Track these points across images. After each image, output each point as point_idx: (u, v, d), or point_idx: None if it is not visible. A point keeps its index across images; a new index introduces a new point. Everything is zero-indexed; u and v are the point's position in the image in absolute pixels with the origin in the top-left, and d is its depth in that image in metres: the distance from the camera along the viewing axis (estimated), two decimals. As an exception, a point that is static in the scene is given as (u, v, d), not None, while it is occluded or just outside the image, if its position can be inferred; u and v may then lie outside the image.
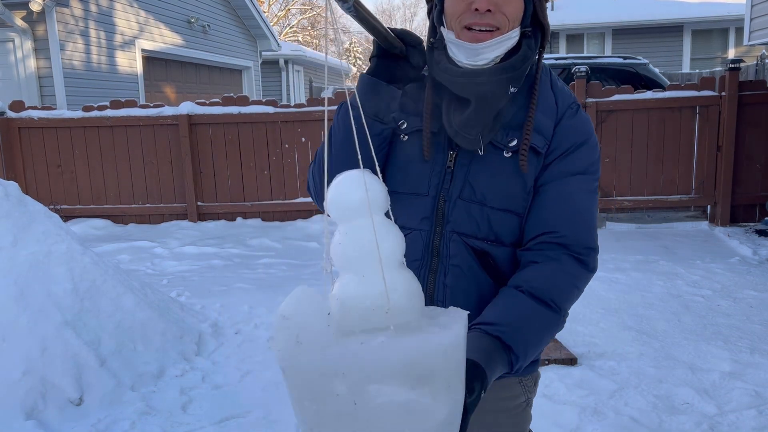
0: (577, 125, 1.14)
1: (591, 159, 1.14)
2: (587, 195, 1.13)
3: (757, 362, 3.16)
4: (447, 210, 1.13)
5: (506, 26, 1.07)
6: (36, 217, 3.26)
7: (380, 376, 0.76)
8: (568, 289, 1.09)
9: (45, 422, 2.62)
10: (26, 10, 8.05)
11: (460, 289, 1.13)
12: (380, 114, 1.09)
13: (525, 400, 1.24)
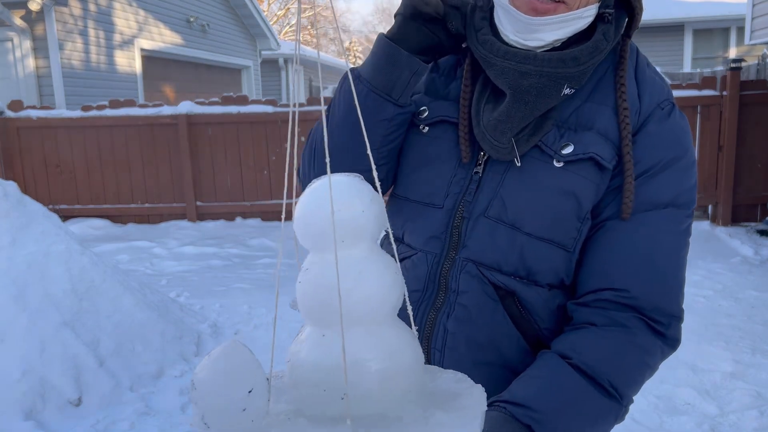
0: (669, 133, 0.83)
1: (684, 184, 0.83)
2: (675, 237, 0.82)
3: (758, 363, 3.15)
4: (465, 229, 0.85)
5: (578, 3, 0.78)
6: (34, 217, 3.24)
7: None
8: (637, 368, 0.80)
9: (44, 422, 2.61)
10: (25, 10, 8.04)
11: (462, 339, 0.85)
12: (394, 93, 0.83)
13: None
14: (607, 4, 0.81)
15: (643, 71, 0.86)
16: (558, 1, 0.77)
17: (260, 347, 3.47)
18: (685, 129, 0.85)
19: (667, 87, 0.89)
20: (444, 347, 0.86)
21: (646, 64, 0.89)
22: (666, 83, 0.90)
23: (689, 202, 0.84)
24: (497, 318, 0.84)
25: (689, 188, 0.84)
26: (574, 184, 0.81)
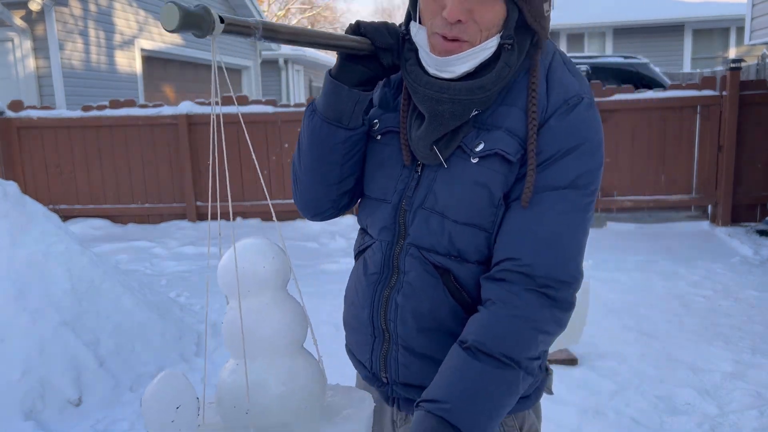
0: (570, 126, 0.94)
1: (583, 168, 0.95)
2: (569, 214, 0.93)
3: (758, 363, 3.15)
4: (407, 220, 0.99)
5: (478, 38, 0.91)
6: (34, 217, 3.24)
7: None
8: (527, 336, 0.90)
9: (44, 423, 2.61)
10: (25, 10, 8.05)
11: (409, 310, 0.99)
12: (344, 120, 0.99)
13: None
14: (508, 34, 0.92)
15: (554, 73, 0.98)
16: (461, 41, 0.90)
17: (260, 347, 3.48)
18: (587, 120, 0.97)
19: (579, 84, 0.99)
20: (396, 318, 1.01)
21: (562, 64, 1.00)
22: (579, 80, 1.00)
23: (589, 183, 0.96)
24: (437, 292, 0.98)
25: (588, 171, 0.96)
26: (486, 176, 0.94)
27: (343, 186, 1.07)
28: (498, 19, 0.91)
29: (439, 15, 0.91)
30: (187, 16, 0.73)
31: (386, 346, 1.04)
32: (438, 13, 0.91)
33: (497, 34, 0.92)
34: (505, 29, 0.92)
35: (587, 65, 6.52)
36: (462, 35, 0.90)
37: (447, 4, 0.89)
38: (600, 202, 6.40)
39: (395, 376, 1.04)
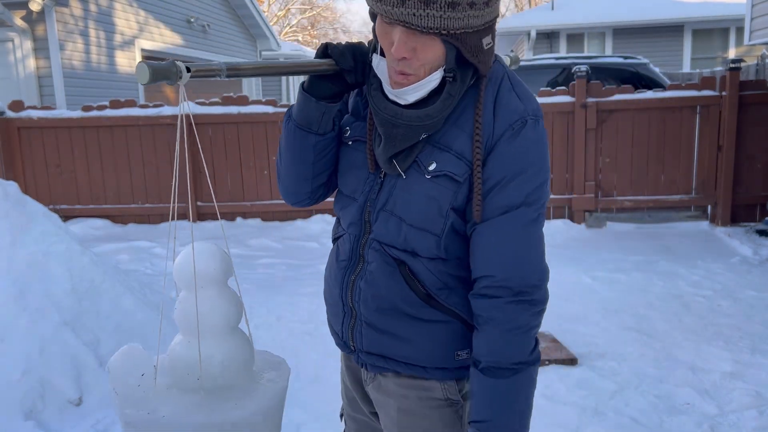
0: (516, 151, 1.05)
1: (531, 187, 1.06)
2: (527, 229, 1.07)
3: (758, 362, 3.16)
4: (372, 219, 1.16)
5: (422, 72, 1.03)
6: (35, 217, 3.25)
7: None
8: (523, 340, 1.08)
9: (44, 422, 2.61)
10: (26, 10, 8.05)
11: (369, 294, 1.17)
12: (313, 127, 1.14)
13: (444, 398, 1.21)
14: (449, 68, 1.04)
15: (501, 99, 1.09)
16: (407, 75, 1.03)
17: (261, 346, 3.46)
18: (532, 141, 1.07)
19: (525, 106, 1.09)
20: (360, 300, 1.19)
21: (510, 89, 1.11)
22: (525, 102, 1.10)
23: (538, 198, 1.08)
24: (394, 279, 1.15)
25: (537, 187, 1.07)
26: (436, 191, 1.09)
27: (316, 181, 1.24)
28: (438, 56, 1.02)
29: (390, 52, 1.03)
30: (155, 72, 0.89)
31: (353, 320, 1.21)
32: (389, 50, 1.03)
33: (440, 68, 1.04)
34: (446, 63, 1.03)
35: (587, 65, 6.52)
36: (407, 69, 1.03)
37: (394, 42, 1.01)
38: (600, 202, 6.40)
39: (360, 345, 1.22)
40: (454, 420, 1.21)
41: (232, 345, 0.97)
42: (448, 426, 1.21)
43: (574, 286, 4.49)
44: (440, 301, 1.15)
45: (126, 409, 0.92)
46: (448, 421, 1.21)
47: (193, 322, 0.95)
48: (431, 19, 0.97)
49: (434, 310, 1.16)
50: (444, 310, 1.16)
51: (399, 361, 1.19)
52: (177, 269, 0.99)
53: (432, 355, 1.17)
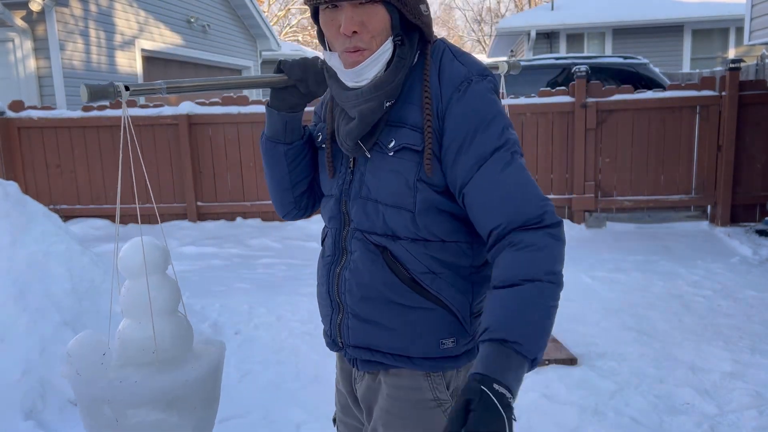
0: (468, 108, 1.09)
1: (494, 135, 1.08)
2: (505, 171, 1.07)
3: (757, 362, 3.16)
4: (349, 209, 1.20)
5: (374, 44, 1.09)
6: (35, 217, 3.25)
7: (135, 404, 1.04)
8: (543, 258, 1.05)
9: (44, 422, 2.61)
10: (26, 10, 8.05)
11: (354, 282, 1.19)
12: (279, 136, 1.26)
13: (434, 398, 1.20)
14: (396, 33, 1.10)
15: (444, 65, 1.13)
16: (362, 50, 1.09)
17: (261, 346, 3.48)
18: (479, 95, 1.10)
19: (468, 69, 1.12)
20: (345, 290, 1.21)
21: (451, 58, 1.14)
22: (468, 66, 1.13)
23: (505, 141, 1.09)
24: (377, 266, 1.17)
25: (499, 134, 1.09)
26: (400, 165, 1.12)
27: (297, 189, 1.33)
28: (385, 23, 1.09)
29: (339, 34, 1.09)
30: (92, 93, 1.04)
31: (341, 315, 1.23)
32: (338, 33, 1.09)
33: (389, 37, 1.10)
34: (393, 29, 1.10)
35: (586, 65, 6.52)
36: (360, 44, 1.09)
37: (341, 22, 1.08)
38: (600, 202, 6.40)
39: (347, 339, 1.23)
40: (441, 420, 1.19)
41: (176, 322, 1.13)
42: (436, 427, 1.19)
43: (574, 286, 4.50)
44: (425, 286, 1.15)
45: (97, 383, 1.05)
46: (438, 423, 1.19)
47: (139, 306, 1.09)
48: None
49: (418, 296, 1.16)
50: (428, 297, 1.16)
51: (385, 353, 1.20)
52: (122, 261, 1.12)
53: (416, 343, 1.17)
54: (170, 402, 1.05)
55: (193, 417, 1.09)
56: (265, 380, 3.07)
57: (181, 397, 1.06)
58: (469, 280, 1.19)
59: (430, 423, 1.19)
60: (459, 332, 1.18)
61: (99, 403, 1.04)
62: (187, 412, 1.08)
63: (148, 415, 1.04)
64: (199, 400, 1.10)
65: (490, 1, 34.91)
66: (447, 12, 38.76)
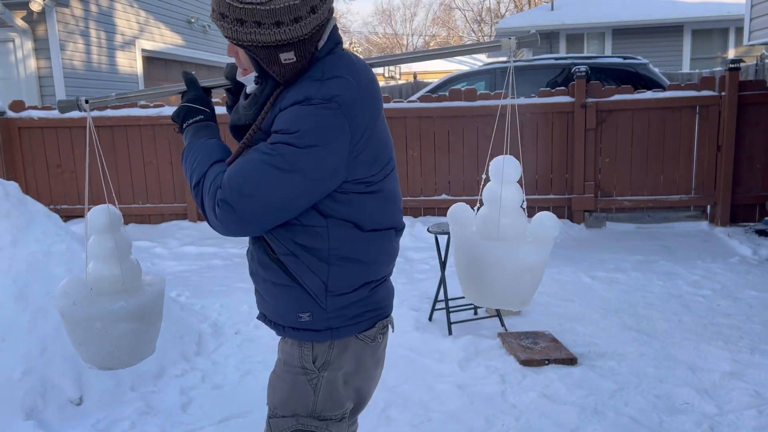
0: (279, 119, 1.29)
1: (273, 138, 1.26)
2: (256, 154, 1.26)
3: (757, 362, 3.16)
4: None
5: (243, 72, 1.35)
6: (36, 217, 3.25)
7: (120, 318, 1.47)
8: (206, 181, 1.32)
9: (45, 422, 2.62)
10: (26, 10, 8.06)
11: (249, 261, 1.46)
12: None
13: (300, 366, 1.39)
14: (256, 74, 1.32)
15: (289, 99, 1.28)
16: (244, 69, 1.35)
17: (261, 346, 3.48)
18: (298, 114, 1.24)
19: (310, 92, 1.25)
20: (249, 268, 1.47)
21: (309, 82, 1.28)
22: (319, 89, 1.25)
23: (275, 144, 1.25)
24: (257, 247, 1.40)
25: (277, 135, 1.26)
26: None
27: None
28: (248, 62, 1.31)
29: None
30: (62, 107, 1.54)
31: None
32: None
33: (253, 74, 1.32)
34: (254, 69, 1.31)
35: (586, 66, 6.53)
36: (239, 64, 1.36)
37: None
38: (599, 202, 6.41)
39: (258, 307, 1.49)
40: (306, 387, 1.39)
41: (131, 264, 1.57)
42: (300, 391, 1.39)
43: (574, 285, 4.50)
44: (286, 266, 1.33)
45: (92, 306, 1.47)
46: (301, 387, 1.39)
47: (106, 252, 1.52)
48: (226, 30, 1.25)
49: (283, 274, 1.34)
50: (290, 275, 1.34)
51: (270, 320, 1.43)
52: (90, 221, 1.54)
53: (282, 315, 1.38)
54: (142, 315, 1.50)
55: (154, 326, 1.58)
56: (265, 380, 3.06)
57: (148, 311, 1.53)
58: (326, 262, 1.32)
59: (294, 385, 1.40)
60: (314, 308, 1.34)
61: (92, 320, 1.46)
62: (150, 323, 1.55)
63: (127, 325, 1.48)
64: (156, 314, 1.58)
65: (490, 2, 34.89)
66: (447, 12, 38.75)
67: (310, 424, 1.39)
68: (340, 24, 36.63)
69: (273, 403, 1.44)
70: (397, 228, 1.45)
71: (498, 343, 3.44)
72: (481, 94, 6.49)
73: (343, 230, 1.31)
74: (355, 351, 1.40)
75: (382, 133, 1.36)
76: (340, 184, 1.28)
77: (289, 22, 1.21)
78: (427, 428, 2.63)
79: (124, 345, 1.50)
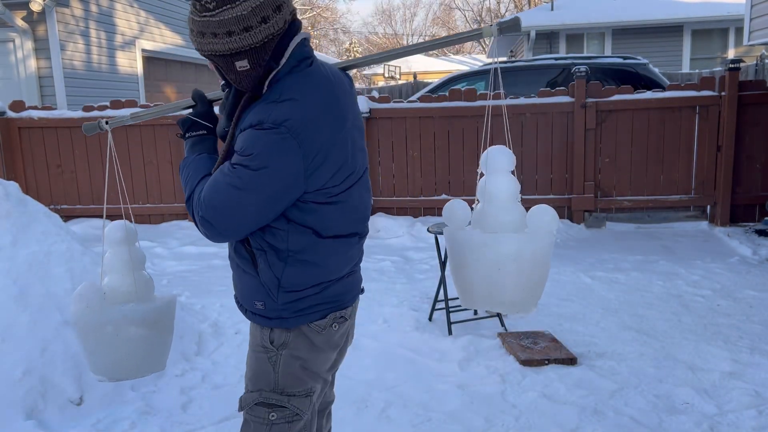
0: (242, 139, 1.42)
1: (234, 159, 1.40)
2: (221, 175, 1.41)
3: (757, 362, 3.16)
4: None
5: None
6: (36, 217, 3.26)
7: (131, 322, 1.58)
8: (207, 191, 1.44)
9: (45, 422, 2.62)
10: (26, 10, 8.06)
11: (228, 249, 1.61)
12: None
13: (261, 345, 1.55)
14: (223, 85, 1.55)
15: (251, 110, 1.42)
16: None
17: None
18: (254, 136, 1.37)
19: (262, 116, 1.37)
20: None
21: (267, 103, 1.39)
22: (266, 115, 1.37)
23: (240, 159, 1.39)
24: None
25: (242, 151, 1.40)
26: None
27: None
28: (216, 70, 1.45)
29: None
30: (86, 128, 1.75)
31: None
32: None
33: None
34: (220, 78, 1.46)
35: (586, 66, 6.53)
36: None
37: None
38: (599, 202, 6.41)
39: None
40: (267, 365, 1.55)
41: (144, 276, 1.70)
42: (262, 368, 1.56)
43: (574, 285, 4.50)
44: (255, 257, 1.49)
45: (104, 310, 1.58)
46: (262, 364, 1.56)
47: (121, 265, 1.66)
48: (193, 43, 1.39)
49: (249, 263, 1.50)
50: (254, 266, 1.50)
51: (240, 303, 1.59)
52: (107, 235, 1.69)
53: (245, 298, 1.55)
54: (153, 322, 1.60)
55: (164, 336, 1.65)
56: (266, 380, 3.07)
57: (159, 318, 1.63)
58: (284, 262, 1.46)
59: (257, 363, 1.57)
60: (267, 299, 1.50)
61: (104, 324, 1.57)
62: (160, 332, 1.63)
63: (138, 330, 1.58)
64: (167, 324, 1.67)
65: (490, 2, 34.89)
66: (447, 12, 38.77)
67: (272, 397, 1.54)
68: (340, 24, 36.62)
69: (246, 377, 1.60)
70: (360, 234, 1.58)
71: (498, 343, 3.44)
72: (481, 94, 6.50)
73: (302, 235, 1.45)
74: (309, 337, 1.54)
75: (345, 146, 1.45)
76: (302, 194, 1.41)
77: (240, 31, 1.32)
78: (427, 428, 2.63)
79: (135, 353, 1.57)
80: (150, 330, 1.56)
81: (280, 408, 1.53)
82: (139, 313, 1.57)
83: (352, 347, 1.84)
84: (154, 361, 1.64)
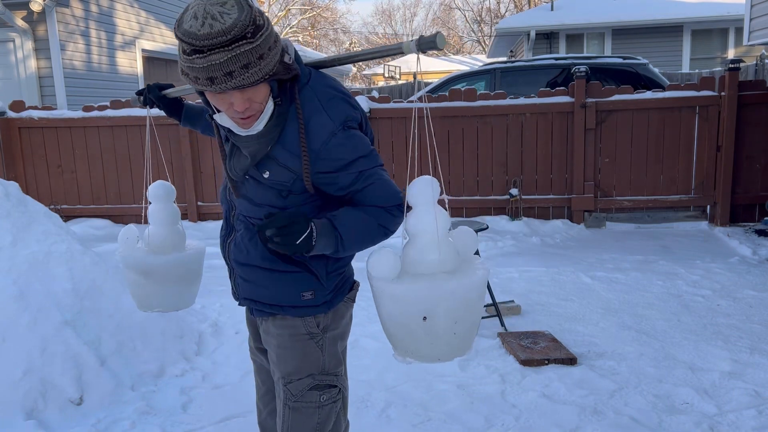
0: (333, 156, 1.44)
1: (356, 168, 1.47)
2: (372, 178, 1.51)
3: (756, 362, 3.17)
4: (233, 199, 1.64)
5: (260, 109, 1.39)
6: (36, 217, 3.26)
7: (166, 272, 1.86)
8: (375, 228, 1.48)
9: (45, 422, 2.62)
10: (27, 11, 8.07)
11: (238, 253, 1.62)
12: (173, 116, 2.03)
13: (307, 333, 1.60)
14: (276, 96, 1.40)
15: (313, 124, 1.43)
16: (252, 117, 1.40)
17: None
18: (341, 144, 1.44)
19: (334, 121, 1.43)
20: (232, 258, 1.64)
21: (320, 108, 1.44)
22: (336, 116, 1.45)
23: (360, 171, 1.46)
24: (253, 243, 1.58)
25: (357, 161, 1.46)
26: (272, 185, 1.50)
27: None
28: (266, 93, 1.38)
29: (231, 109, 1.37)
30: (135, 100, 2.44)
31: (234, 274, 1.66)
32: (230, 108, 1.37)
33: (269, 98, 1.39)
34: (273, 93, 1.40)
35: (586, 66, 6.53)
36: (250, 113, 1.38)
37: (234, 102, 1.35)
38: (599, 202, 6.41)
39: (239, 292, 1.66)
40: (315, 350, 1.61)
41: (177, 230, 1.91)
42: (310, 354, 1.61)
43: (574, 285, 4.50)
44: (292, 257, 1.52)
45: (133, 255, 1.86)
46: (310, 350, 1.61)
47: (163, 217, 1.88)
48: (254, 75, 1.30)
49: (287, 264, 1.55)
50: (296, 264, 1.55)
51: (264, 303, 1.60)
52: (150, 192, 1.89)
53: (284, 296, 1.57)
54: (182, 277, 1.88)
55: (195, 283, 1.95)
56: (266, 380, 3.08)
57: (187, 267, 1.89)
58: None
59: (304, 350, 1.61)
60: (317, 287, 1.57)
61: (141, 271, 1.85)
62: (191, 279, 1.92)
63: (169, 274, 1.85)
64: (197, 271, 1.95)
65: (490, 2, 34.88)
66: (447, 12, 38.76)
67: (325, 379, 1.63)
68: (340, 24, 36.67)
69: (286, 371, 1.62)
70: None
71: (498, 342, 3.45)
72: (481, 94, 6.50)
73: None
74: (342, 313, 1.66)
75: None
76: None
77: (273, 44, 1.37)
78: (427, 428, 2.63)
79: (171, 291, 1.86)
80: (184, 276, 1.82)
81: (330, 389, 1.63)
82: (172, 260, 1.83)
83: (352, 347, 1.85)
84: (187, 299, 1.93)
